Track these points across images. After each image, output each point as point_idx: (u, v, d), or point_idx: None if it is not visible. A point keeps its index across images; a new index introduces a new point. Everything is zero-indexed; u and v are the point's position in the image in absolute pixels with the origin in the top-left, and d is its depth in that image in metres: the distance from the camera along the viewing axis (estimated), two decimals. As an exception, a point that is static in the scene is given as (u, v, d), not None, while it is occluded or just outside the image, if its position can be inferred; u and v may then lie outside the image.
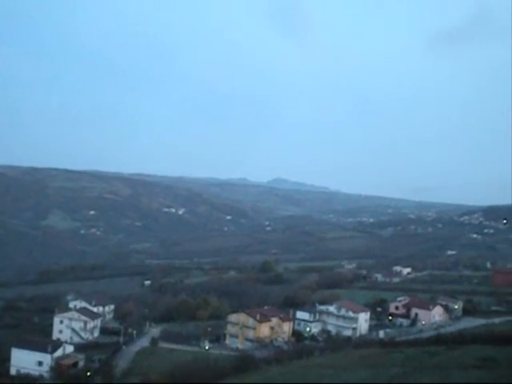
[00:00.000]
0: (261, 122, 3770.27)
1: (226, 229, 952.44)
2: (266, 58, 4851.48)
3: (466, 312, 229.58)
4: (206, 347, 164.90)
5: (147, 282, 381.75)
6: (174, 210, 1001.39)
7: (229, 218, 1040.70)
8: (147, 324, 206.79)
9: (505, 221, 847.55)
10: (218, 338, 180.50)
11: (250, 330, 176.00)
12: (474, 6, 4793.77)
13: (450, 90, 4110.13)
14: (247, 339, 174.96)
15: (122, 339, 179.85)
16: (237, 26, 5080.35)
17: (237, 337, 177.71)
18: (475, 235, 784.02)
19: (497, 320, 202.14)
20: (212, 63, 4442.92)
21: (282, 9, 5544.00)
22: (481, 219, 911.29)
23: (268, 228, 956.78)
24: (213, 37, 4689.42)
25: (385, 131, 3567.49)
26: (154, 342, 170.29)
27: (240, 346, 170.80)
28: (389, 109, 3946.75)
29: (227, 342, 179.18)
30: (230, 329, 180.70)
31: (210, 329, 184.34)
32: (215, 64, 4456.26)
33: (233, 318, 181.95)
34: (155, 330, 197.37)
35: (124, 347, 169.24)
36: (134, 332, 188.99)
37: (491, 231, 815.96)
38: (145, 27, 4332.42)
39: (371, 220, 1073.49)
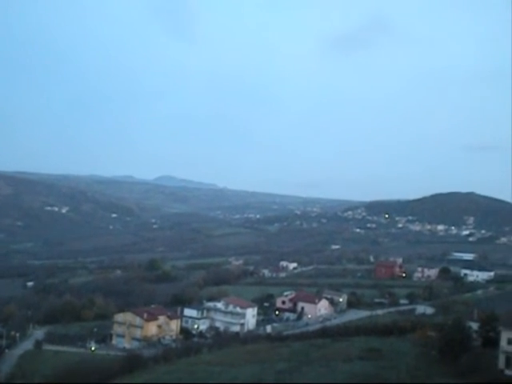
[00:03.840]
0: (146, 119, 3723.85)
1: (111, 227, 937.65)
2: (150, 54, 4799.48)
3: (351, 304, 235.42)
4: (92, 348, 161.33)
5: (30, 283, 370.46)
6: (57, 209, 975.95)
7: (114, 216, 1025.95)
8: (31, 326, 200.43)
9: (386, 215, 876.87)
10: (104, 339, 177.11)
11: (137, 329, 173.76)
12: (371, 12, 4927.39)
13: (343, 91, 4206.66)
14: (134, 338, 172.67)
15: (4, 343, 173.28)
16: (121, 24, 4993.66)
17: (124, 336, 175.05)
18: (358, 230, 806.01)
19: (380, 311, 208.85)
20: (95, 61, 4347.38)
21: (169, 8, 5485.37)
22: (364, 214, 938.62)
23: (155, 226, 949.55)
24: (96, 34, 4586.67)
25: (271, 128, 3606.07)
26: (38, 344, 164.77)
27: (127, 346, 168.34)
28: (276, 105, 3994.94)
29: (114, 342, 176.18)
30: (117, 328, 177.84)
31: (95, 329, 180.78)
32: (99, 61, 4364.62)
33: (119, 317, 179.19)
34: (39, 332, 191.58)
35: (7, 351, 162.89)
36: (17, 335, 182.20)
37: (374, 226, 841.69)
38: (20, 25, 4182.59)
39: (258, 216, 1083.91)
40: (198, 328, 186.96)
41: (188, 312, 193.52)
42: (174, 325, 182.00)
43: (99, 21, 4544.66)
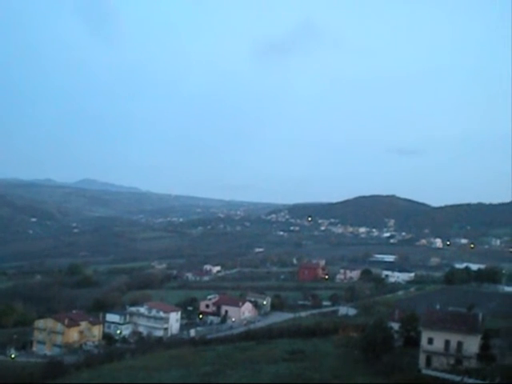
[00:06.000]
0: (66, 121, 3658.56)
1: (30, 231, 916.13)
2: (74, 55, 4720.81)
3: (275, 307, 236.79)
4: (12, 355, 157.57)
5: None
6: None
7: (34, 220, 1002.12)
8: None
9: (309, 218, 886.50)
10: (24, 346, 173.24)
11: (59, 336, 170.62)
12: (299, 18, 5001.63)
13: (272, 95, 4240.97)
14: (56, 345, 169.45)
15: None
16: (40, 23, 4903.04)
17: (45, 343, 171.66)
18: (282, 233, 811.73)
19: (303, 313, 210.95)
20: (14, 59, 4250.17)
21: (88, 7, 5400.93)
22: (287, 217, 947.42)
23: (76, 230, 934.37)
24: (11, 31, 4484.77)
25: (193, 130, 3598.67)
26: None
27: (48, 353, 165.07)
28: (202, 108, 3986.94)
29: (35, 348, 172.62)
30: (38, 335, 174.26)
31: (15, 336, 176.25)
32: (18, 59, 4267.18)
33: (40, 323, 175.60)
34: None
35: None
36: None
37: (297, 228, 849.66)
38: None
39: (181, 220, 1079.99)
40: (120, 333, 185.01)
41: (110, 317, 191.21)
42: (97, 330, 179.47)
43: (14, 18, 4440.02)
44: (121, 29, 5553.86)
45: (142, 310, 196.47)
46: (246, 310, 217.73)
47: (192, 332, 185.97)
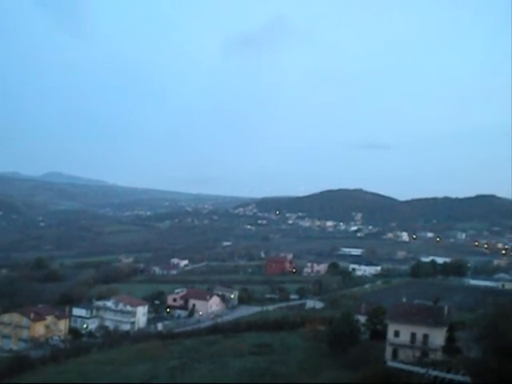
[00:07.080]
0: (31, 114, 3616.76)
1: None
2: (46, 51, 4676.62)
3: (242, 300, 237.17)
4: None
5: None
6: None
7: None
8: None
9: (277, 212, 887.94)
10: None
11: (24, 330, 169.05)
12: (270, 13, 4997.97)
13: (242, 89, 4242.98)
14: (21, 339, 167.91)
15: None
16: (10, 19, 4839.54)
17: (10, 338, 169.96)
18: (249, 226, 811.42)
19: (271, 307, 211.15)
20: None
21: (58, 5, 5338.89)
22: (255, 211, 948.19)
23: (42, 223, 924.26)
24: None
25: (161, 124, 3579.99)
26: None
27: (14, 347, 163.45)
28: (168, 101, 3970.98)
29: (0, 343, 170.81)
30: (3, 330, 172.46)
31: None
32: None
33: (5, 318, 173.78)
34: None
35: None
36: None
37: (264, 222, 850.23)
38: None
39: (148, 213, 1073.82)
40: (87, 327, 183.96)
41: (77, 311, 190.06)
42: (63, 325, 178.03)
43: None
44: (96, 26, 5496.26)
45: (109, 303, 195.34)
46: (214, 304, 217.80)
47: (159, 326, 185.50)
